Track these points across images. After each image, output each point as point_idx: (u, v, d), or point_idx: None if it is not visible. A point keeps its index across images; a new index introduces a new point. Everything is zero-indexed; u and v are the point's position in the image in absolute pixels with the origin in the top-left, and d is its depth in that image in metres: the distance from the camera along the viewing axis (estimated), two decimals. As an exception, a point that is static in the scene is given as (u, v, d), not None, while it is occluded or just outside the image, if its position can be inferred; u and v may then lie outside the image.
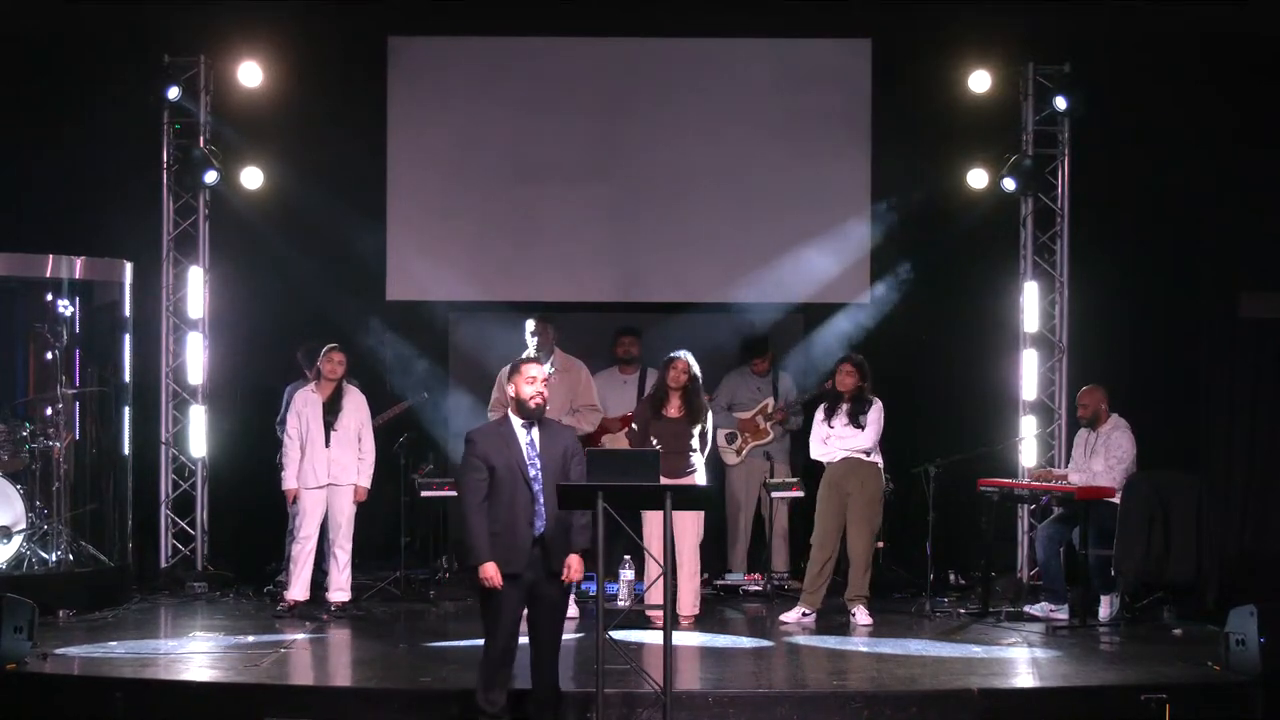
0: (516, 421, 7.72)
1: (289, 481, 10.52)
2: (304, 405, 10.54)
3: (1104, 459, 10.56)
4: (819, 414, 10.64)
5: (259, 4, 11.80)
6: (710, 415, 10.35)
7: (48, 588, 10.20)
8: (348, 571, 10.59)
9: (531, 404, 7.69)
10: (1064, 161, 12.13)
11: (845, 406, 10.47)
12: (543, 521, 7.62)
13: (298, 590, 10.53)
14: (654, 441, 9.94)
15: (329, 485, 10.50)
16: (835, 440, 10.44)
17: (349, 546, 10.57)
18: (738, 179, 12.26)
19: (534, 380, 7.70)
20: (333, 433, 10.49)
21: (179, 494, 12.06)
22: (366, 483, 10.61)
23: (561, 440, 7.77)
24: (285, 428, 10.65)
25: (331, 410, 10.51)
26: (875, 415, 10.42)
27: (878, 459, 10.46)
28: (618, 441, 11.04)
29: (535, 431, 7.71)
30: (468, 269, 12.17)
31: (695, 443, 10.18)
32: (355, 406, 10.61)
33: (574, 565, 7.66)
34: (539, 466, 7.64)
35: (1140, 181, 11.77)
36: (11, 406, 11.15)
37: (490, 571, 7.52)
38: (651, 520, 9.64)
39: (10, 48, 11.62)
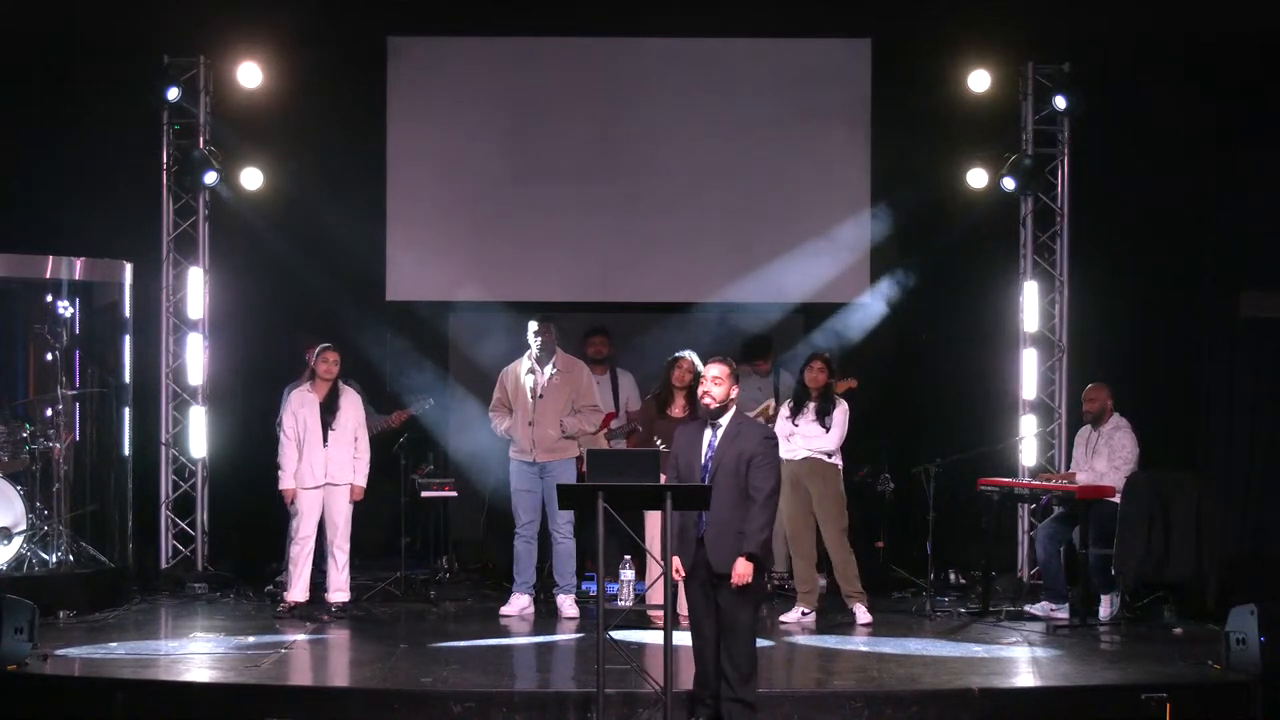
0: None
1: (286, 481, 10.51)
2: (300, 405, 10.53)
3: (1107, 458, 10.56)
4: (784, 410, 10.62)
5: (259, 4, 11.79)
6: None
7: (48, 589, 10.19)
8: (347, 572, 10.58)
9: (700, 402, 7.78)
10: (1064, 161, 12.14)
11: (813, 405, 10.46)
12: (705, 523, 7.62)
13: (298, 591, 10.52)
14: (658, 442, 9.92)
15: (326, 485, 10.50)
16: (799, 439, 10.40)
17: (348, 547, 10.56)
18: (737, 179, 12.26)
19: (704, 379, 7.79)
20: (330, 432, 10.49)
21: (179, 494, 12.06)
22: (363, 482, 10.60)
23: (742, 443, 7.67)
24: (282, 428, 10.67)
25: (329, 410, 10.51)
26: (841, 417, 10.40)
27: (838, 460, 10.45)
28: (596, 440, 11.00)
29: (719, 432, 7.72)
30: (467, 269, 12.18)
31: None
32: (352, 406, 10.60)
33: (739, 569, 7.51)
34: (710, 469, 7.64)
35: (1140, 181, 11.76)
36: (12, 407, 11.14)
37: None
38: (652, 520, 9.62)
39: (10, 48, 11.60)
